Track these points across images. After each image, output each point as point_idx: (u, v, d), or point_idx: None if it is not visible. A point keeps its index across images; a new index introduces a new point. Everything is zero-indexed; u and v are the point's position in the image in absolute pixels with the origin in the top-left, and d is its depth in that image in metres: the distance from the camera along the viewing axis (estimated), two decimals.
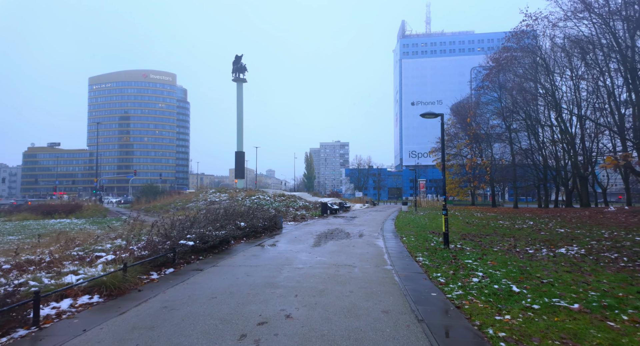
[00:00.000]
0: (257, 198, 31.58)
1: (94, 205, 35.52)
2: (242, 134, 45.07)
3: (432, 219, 20.85)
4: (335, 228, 15.15)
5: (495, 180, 35.10)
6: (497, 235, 13.09)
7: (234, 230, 10.67)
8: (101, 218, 25.15)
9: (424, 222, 18.60)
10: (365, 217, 23.13)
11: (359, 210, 33.69)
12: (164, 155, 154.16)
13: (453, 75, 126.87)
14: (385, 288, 5.58)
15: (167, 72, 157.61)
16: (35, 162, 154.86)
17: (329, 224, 17.46)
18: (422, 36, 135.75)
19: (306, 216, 22.84)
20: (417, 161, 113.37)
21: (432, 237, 12.35)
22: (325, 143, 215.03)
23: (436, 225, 16.84)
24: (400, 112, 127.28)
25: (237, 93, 44.90)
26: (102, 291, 5.09)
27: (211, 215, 12.00)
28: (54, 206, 27.68)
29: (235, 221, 12.52)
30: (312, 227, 15.90)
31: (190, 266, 7.31)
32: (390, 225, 17.10)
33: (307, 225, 17.29)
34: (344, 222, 18.63)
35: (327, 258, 8.11)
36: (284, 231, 14.43)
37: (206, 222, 10.60)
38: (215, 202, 30.64)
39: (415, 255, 8.73)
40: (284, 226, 16.41)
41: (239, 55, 44.47)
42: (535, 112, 32.08)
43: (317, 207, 31.45)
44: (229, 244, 10.15)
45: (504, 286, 5.55)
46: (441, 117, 9.85)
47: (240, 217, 13.13)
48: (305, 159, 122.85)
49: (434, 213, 27.25)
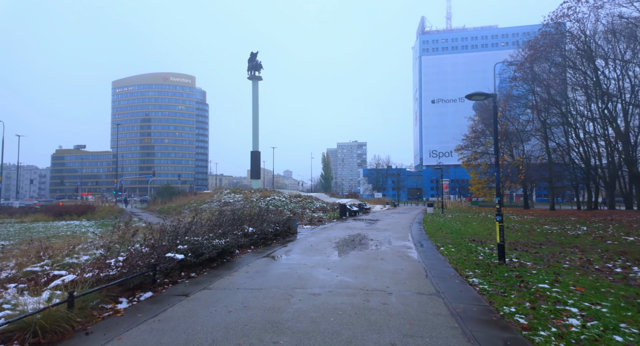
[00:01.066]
0: (272, 199, 30.07)
1: (109, 206, 35.07)
2: (258, 133, 43.81)
3: (465, 223, 18.59)
4: (357, 234, 13.29)
5: (531, 179, 32.12)
6: (554, 244, 10.88)
7: (239, 238, 9.02)
8: (112, 220, 24.28)
9: (457, 227, 16.43)
10: (388, 220, 21.13)
11: (380, 212, 31.63)
12: (184, 156, 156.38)
13: (476, 72, 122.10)
14: (443, 338, 3.71)
15: (186, 75, 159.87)
16: (62, 164, 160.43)
17: (349, 228, 15.60)
18: (443, 32, 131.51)
19: (323, 219, 21.08)
20: (438, 161, 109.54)
21: (475, 246, 10.29)
22: (343, 144, 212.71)
23: (473, 231, 14.67)
24: (420, 110, 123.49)
25: (252, 92, 43.69)
26: (26, 337, 3.48)
27: (214, 219, 10.42)
28: (66, 207, 27.16)
29: (243, 226, 10.91)
30: (330, 232, 14.10)
31: (175, 289, 5.66)
32: (419, 230, 15.06)
33: (324, 229, 15.50)
34: (366, 226, 16.73)
35: (351, 278, 6.30)
36: (299, 237, 12.70)
37: (207, 227, 9.01)
38: (229, 203, 29.35)
39: (465, 273, 6.79)
40: (299, 230, 14.70)
41: (254, 52, 43.22)
42: (574, 104, 29.06)
43: (334, 208, 29.64)
44: (233, 255, 8.50)
45: (632, 340, 3.58)
46: (493, 98, 7.86)
47: (249, 221, 11.51)
48: (323, 160, 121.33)
49: (463, 216, 24.86)
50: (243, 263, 7.79)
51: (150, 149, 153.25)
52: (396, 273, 6.70)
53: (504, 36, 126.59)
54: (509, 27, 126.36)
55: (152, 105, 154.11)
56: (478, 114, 41.62)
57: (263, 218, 12.02)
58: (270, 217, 12.61)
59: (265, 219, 12.03)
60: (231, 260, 8.09)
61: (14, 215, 27.00)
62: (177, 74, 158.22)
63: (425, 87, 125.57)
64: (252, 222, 11.50)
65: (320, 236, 12.81)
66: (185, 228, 7.95)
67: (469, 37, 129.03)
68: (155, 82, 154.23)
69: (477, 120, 40.69)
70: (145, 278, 5.50)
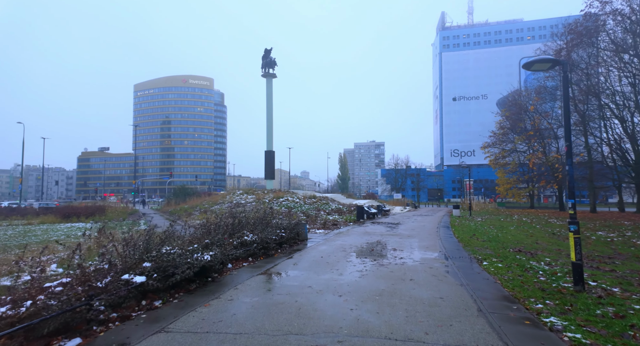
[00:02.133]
0: (285, 200, 28.50)
1: (123, 207, 34.49)
2: (272, 132, 42.46)
3: (501, 228, 16.26)
4: (377, 242, 11.38)
5: (577, 179, 28.76)
6: (629, 258, 8.62)
7: (230, 250, 7.34)
8: (119, 221, 23.33)
9: (492, 233, 14.20)
10: (410, 223, 19.05)
11: (400, 214, 29.46)
12: (203, 157, 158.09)
13: (499, 67, 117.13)
14: None
15: (205, 77, 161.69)
16: (87, 166, 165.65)
17: (367, 234, 13.69)
18: (464, 27, 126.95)
19: (339, 222, 19.23)
20: (460, 160, 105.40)
21: (526, 260, 8.18)
22: (360, 144, 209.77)
23: (514, 239, 12.45)
24: (441, 108, 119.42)
25: (266, 90, 42.39)
26: None
27: (209, 225, 8.81)
28: (76, 208, 26.55)
29: (243, 232, 9.27)
30: (345, 238, 12.25)
31: (119, 332, 3.97)
32: (449, 237, 12.98)
33: (339, 234, 13.66)
34: (386, 231, 14.77)
35: (371, 314, 4.46)
36: (309, 244, 10.93)
37: (192, 237, 7.40)
38: (241, 204, 28.00)
39: (530, 304, 4.81)
40: (310, 236, 12.93)
41: (268, 48, 41.92)
42: (621, 95, 25.92)
43: (351, 210, 27.73)
44: (222, 271, 6.82)
45: None
46: (561, 66, 5.83)
47: (250, 226, 9.85)
48: (339, 160, 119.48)
49: (495, 219, 22.37)
50: (231, 283, 6.08)
51: (170, 151, 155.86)
52: (435, 306, 4.80)
53: (530, 30, 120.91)
54: (535, 20, 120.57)
55: (172, 108, 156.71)
56: (507, 109, 38.56)
57: (267, 223, 10.33)
58: (275, 221, 10.90)
59: (269, 224, 10.34)
60: (218, 278, 6.40)
61: (25, 216, 26.57)
62: (196, 76, 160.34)
63: (446, 84, 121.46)
64: (254, 227, 9.84)
65: (333, 244, 10.99)
66: (160, 239, 6.31)
67: (492, 32, 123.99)
68: (175, 84, 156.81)
69: (505, 116, 37.68)
70: (77, 315, 3.85)
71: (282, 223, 10.84)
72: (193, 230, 8.29)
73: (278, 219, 11.58)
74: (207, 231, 8.09)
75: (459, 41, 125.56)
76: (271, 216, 11.11)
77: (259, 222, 10.31)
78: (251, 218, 10.85)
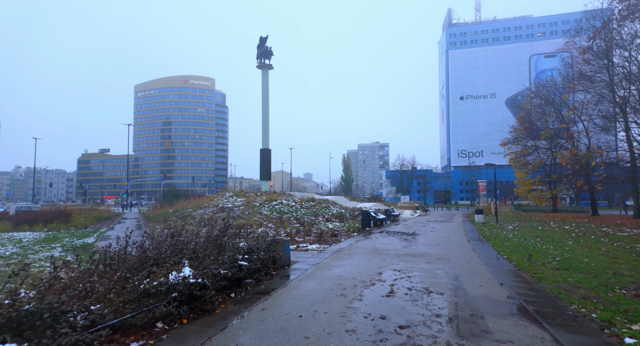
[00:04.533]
0: (279, 203, 24.60)
1: (101, 210, 30.86)
2: (268, 129, 38.78)
3: (558, 243, 12.01)
4: (396, 273, 7.40)
5: (613, 179, 24.54)
6: None
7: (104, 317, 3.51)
8: (75, 230, 19.60)
9: (552, 251, 10.14)
10: (430, 234, 15.10)
11: (412, 220, 25.47)
12: (204, 159, 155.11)
13: (509, 65, 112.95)
14: None
15: (206, 77, 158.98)
16: (88, 168, 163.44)
17: (377, 254, 9.77)
18: (471, 24, 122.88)
19: (339, 232, 15.33)
20: (470, 161, 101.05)
21: None
22: (364, 145, 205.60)
23: (597, 264, 8.37)
24: (447, 107, 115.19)
25: (262, 82, 38.72)
26: None
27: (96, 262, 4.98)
28: (34, 213, 22.97)
29: (183, 261, 5.44)
30: (347, 263, 8.35)
31: None
32: (497, 259, 9.00)
33: (338, 254, 9.75)
34: (403, 247, 10.85)
35: None
36: (291, 277, 7.03)
37: None
38: (227, 207, 24.22)
39: None
40: (297, 257, 9.03)
41: (264, 36, 38.18)
42: None
43: (355, 215, 23.81)
44: None
45: None
46: None
47: (192, 253, 6.01)
48: (343, 161, 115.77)
49: (531, 228, 18.21)
50: None
51: (170, 152, 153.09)
52: None
53: (541, 26, 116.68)
54: (546, 16, 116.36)
55: (172, 108, 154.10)
56: (528, 101, 34.23)
57: (222, 245, 6.45)
58: (237, 241, 6.99)
59: (226, 246, 6.46)
60: None
61: None
62: (197, 77, 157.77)
63: (453, 83, 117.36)
64: (206, 251, 5.98)
65: (328, 276, 7.06)
66: None
67: (500, 29, 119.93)
68: (176, 85, 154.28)
69: (529, 107, 33.48)
70: None
71: (247, 246, 6.93)
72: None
73: (242, 239, 7.70)
74: (91, 272, 4.26)
75: (466, 38, 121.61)
76: (233, 235, 7.19)
77: (211, 244, 6.43)
78: (202, 237, 7.00)
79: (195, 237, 6.82)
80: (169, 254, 5.70)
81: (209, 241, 6.24)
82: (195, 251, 6.17)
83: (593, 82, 24.50)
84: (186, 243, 6.35)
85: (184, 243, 6.36)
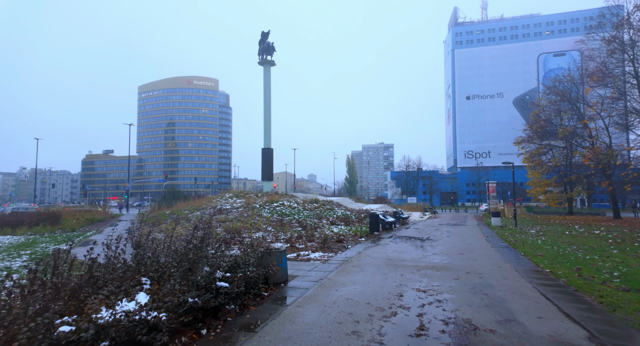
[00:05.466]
0: (280, 205, 23.09)
1: (89, 212, 29.56)
2: (270, 127, 37.34)
3: (601, 253, 10.43)
4: (422, 294, 5.93)
5: None
6: None
7: None
8: (64, 233, 18.25)
9: (601, 264, 8.54)
10: (447, 240, 13.52)
11: (422, 223, 23.86)
12: (207, 160, 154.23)
13: (516, 64, 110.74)
14: None
15: (209, 78, 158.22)
16: (92, 169, 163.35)
17: (392, 266, 8.23)
18: (478, 23, 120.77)
19: (345, 237, 13.79)
20: (477, 162, 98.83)
21: None
22: (368, 146, 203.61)
23: None
24: (454, 107, 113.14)
25: (264, 78, 37.33)
26: None
27: None
28: (23, 215, 21.69)
29: (136, 288, 3.98)
30: (356, 279, 6.82)
31: None
32: (538, 272, 7.44)
33: (345, 265, 8.23)
34: (420, 256, 9.31)
35: None
36: (287, 301, 5.52)
37: None
38: (225, 209, 22.77)
39: None
40: (295, 271, 7.51)
41: (265, 31, 36.78)
42: None
43: (361, 217, 22.27)
44: None
45: None
46: None
47: (153, 271, 4.53)
48: (347, 162, 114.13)
49: (557, 232, 16.54)
50: None
51: (174, 153, 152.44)
52: None
53: (549, 24, 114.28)
54: (554, 14, 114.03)
55: (176, 109, 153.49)
56: (544, 98, 32.44)
57: (195, 262, 4.94)
58: (217, 255, 5.48)
59: (201, 261, 4.96)
60: None
61: None
62: (201, 77, 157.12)
63: (459, 83, 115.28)
64: (178, 265, 4.50)
65: (333, 299, 5.55)
66: None
67: (507, 27, 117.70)
68: (179, 85, 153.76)
69: (545, 103, 31.65)
70: None
71: (231, 260, 5.40)
72: None
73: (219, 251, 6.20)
74: None
75: (472, 37, 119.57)
76: (216, 246, 5.68)
77: (184, 257, 4.92)
78: (176, 248, 5.52)
79: (165, 248, 5.34)
80: (122, 274, 4.22)
81: (179, 254, 4.73)
82: (162, 267, 4.69)
83: (614, 77, 22.77)
84: (152, 257, 4.88)
85: (152, 256, 4.88)
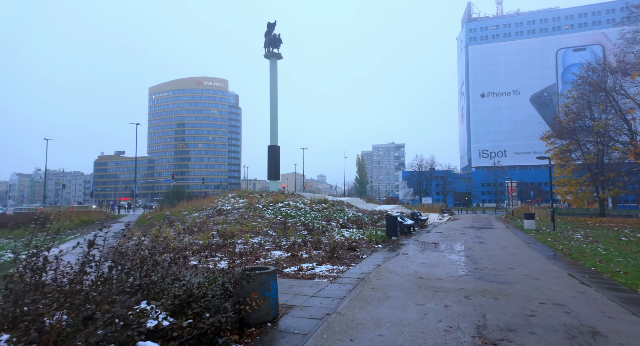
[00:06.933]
0: (286, 205, 21.01)
1: (86, 212, 28.08)
2: (277, 124, 35.39)
3: None
4: None
5: None
6: None
7: None
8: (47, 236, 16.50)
9: None
10: (481, 247, 11.21)
11: (443, 226, 21.46)
12: (217, 160, 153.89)
13: (533, 60, 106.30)
14: None
15: (219, 78, 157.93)
16: (104, 170, 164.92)
17: (427, 289, 6.01)
18: (493, 18, 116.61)
19: (359, 243, 11.60)
20: (493, 161, 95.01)
21: None
22: (378, 146, 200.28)
23: None
24: (468, 105, 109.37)
25: (270, 72, 35.43)
26: None
27: None
28: (6, 217, 20.25)
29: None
30: (379, 316, 4.66)
31: None
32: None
33: (360, 292, 6.05)
34: (462, 273, 7.09)
35: None
36: None
37: None
38: (225, 210, 20.84)
39: None
40: (292, 300, 5.36)
41: (272, 22, 34.85)
42: None
43: (375, 219, 20.01)
44: None
45: None
46: None
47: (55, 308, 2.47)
48: (357, 162, 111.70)
49: (611, 236, 14.00)
50: None
51: (184, 154, 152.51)
52: None
53: (569, 18, 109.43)
54: (573, 7, 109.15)
55: (186, 110, 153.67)
56: (575, 88, 29.51)
57: (111, 301, 2.89)
58: (166, 282, 3.40)
59: (128, 294, 2.90)
60: None
61: None
62: (210, 78, 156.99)
63: (473, 80, 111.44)
64: (100, 303, 2.47)
65: None
66: None
67: (524, 22, 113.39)
68: (189, 86, 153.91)
69: (575, 96, 28.83)
70: None
71: (180, 292, 3.30)
72: None
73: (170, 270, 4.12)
74: None
75: (487, 33, 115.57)
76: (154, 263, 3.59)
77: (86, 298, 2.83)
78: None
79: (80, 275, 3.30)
80: None
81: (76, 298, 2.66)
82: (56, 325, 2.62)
83: None
84: None
85: None
